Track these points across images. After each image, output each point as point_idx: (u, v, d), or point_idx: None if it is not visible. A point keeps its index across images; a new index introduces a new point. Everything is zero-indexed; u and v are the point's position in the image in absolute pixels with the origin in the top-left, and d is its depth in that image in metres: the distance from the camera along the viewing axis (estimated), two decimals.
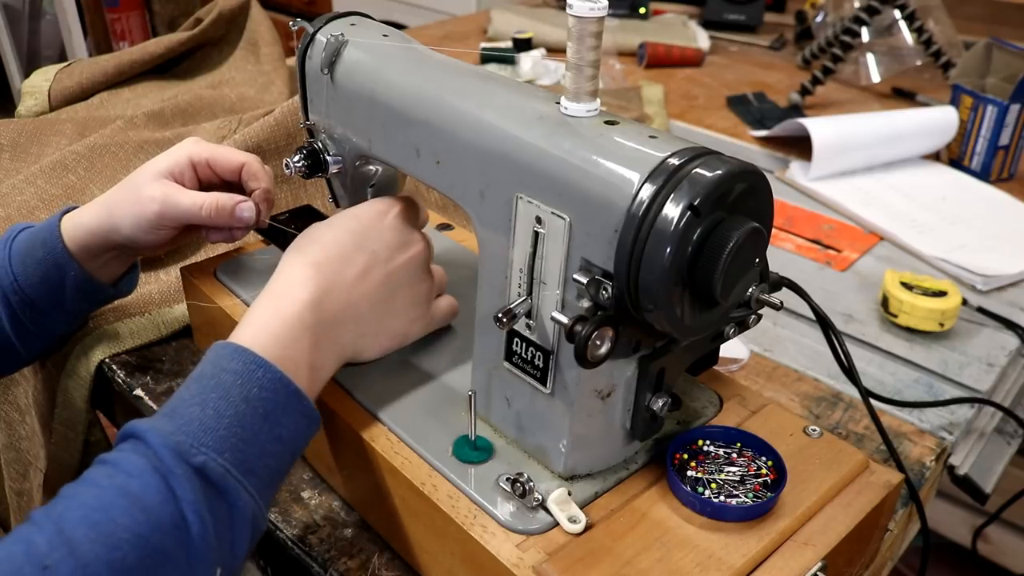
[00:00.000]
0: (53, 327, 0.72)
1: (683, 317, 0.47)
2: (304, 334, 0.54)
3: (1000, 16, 1.79)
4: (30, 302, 0.68)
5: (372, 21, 0.68)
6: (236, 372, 0.50)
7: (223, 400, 0.48)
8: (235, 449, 0.47)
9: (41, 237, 0.68)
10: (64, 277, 0.68)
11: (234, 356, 0.51)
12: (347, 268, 0.58)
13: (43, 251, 0.68)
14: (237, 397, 0.49)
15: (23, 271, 0.67)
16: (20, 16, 2.62)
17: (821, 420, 0.75)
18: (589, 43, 0.48)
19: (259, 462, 0.49)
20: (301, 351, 0.53)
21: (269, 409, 0.50)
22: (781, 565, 0.50)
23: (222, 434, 0.47)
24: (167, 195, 0.66)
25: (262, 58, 1.24)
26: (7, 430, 0.96)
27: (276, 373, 0.51)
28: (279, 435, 0.50)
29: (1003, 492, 0.88)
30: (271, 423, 0.49)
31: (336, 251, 0.58)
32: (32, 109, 1.14)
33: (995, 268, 0.96)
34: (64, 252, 0.67)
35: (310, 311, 0.55)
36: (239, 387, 0.49)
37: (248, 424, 0.48)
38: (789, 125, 1.25)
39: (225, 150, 0.69)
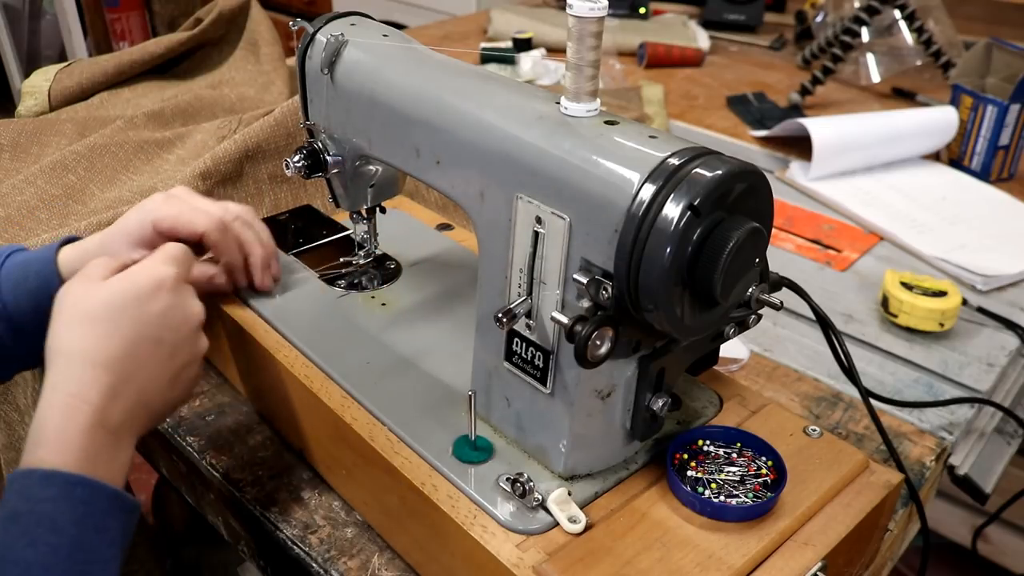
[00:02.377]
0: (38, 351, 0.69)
1: (683, 317, 0.47)
2: (105, 436, 0.52)
3: (1000, 16, 1.79)
4: (18, 328, 0.67)
5: (372, 21, 0.68)
6: (53, 499, 0.48)
7: (52, 533, 0.47)
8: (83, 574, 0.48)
9: (35, 268, 0.67)
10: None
11: (45, 483, 0.49)
12: (135, 364, 0.55)
13: (37, 282, 0.67)
14: (66, 523, 0.48)
15: (14, 299, 0.66)
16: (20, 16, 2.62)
17: (821, 420, 0.75)
18: (589, 43, 0.48)
19: (100, 570, 0.49)
20: (105, 451, 0.52)
21: (99, 521, 0.49)
22: (781, 565, 0.50)
23: (64, 567, 0.47)
24: None
25: (262, 58, 1.24)
26: (7, 430, 0.96)
27: (95, 486, 0.50)
28: (112, 539, 0.50)
29: (1003, 492, 0.88)
30: (104, 533, 0.49)
31: (120, 347, 0.54)
32: (32, 109, 1.14)
33: (995, 268, 0.96)
34: (59, 284, 0.65)
35: (106, 414, 0.52)
36: (63, 512, 0.48)
37: (87, 546, 0.48)
38: (789, 125, 1.25)
39: (187, 217, 0.66)
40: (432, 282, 0.74)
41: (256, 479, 0.67)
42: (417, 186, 0.97)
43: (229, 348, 0.74)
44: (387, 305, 0.71)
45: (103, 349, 0.54)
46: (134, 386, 0.54)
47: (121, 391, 0.53)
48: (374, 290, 0.73)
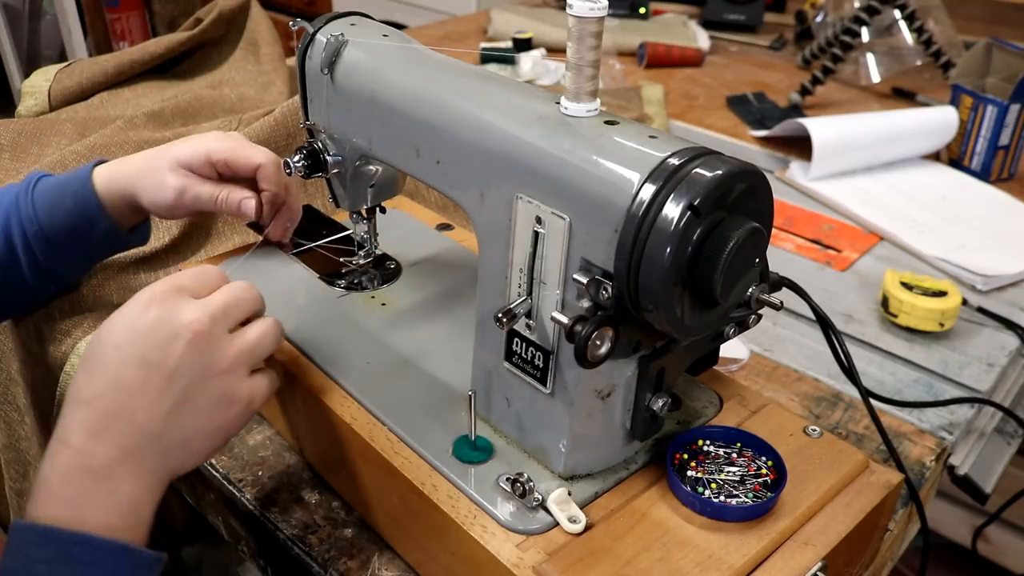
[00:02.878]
0: (71, 272, 0.76)
1: (683, 317, 0.47)
2: (89, 479, 0.47)
3: (1000, 16, 1.79)
4: (54, 249, 0.71)
5: (372, 21, 0.68)
6: (49, 560, 0.45)
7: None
8: None
9: (71, 189, 0.71)
10: (93, 228, 0.72)
11: (42, 542, 0.45)
12: (121, 395, 0.49)
13: (73, 202, 0.71)
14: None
15: (50, 220, 0.70)
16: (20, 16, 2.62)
17: (821, 420, 0.75)
18: (589, 43, 0.48)
19: None
20: (93, 496, 0.47)
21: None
22: (781, 565, 0.50)
23: None
24: (185, 187, 0.70)
25: (262, 58, 1.24)
26: (7, 430, 0.96)
27: (94, 542, 0.45)
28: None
29: (1003, 492, 0.88)
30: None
31: (102, 379, 0.49)
32: (32, 109, 1.14)
33: (995, 268, 0.96)
34: (97, 206, 0.71)
35: (88, 455, 0.47)
36: (57, 574, 0.44)
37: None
38: (789, 125, 1.25)
39: (244, 151, 0.71)
40: (432, 282, 0.74)
41: (256, 479, 0.67)
42: (417, 186, 0.97)
43: None
44: (387, 305, 0.71)
45: (86, 384, 0.50)
46: (125, 419, 0.48)
47: (108, 426, 0.48)
48: (374, 290, 0.73)
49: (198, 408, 0.51)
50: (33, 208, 0.70)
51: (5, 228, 0.70)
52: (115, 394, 0.49)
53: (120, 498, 0.47)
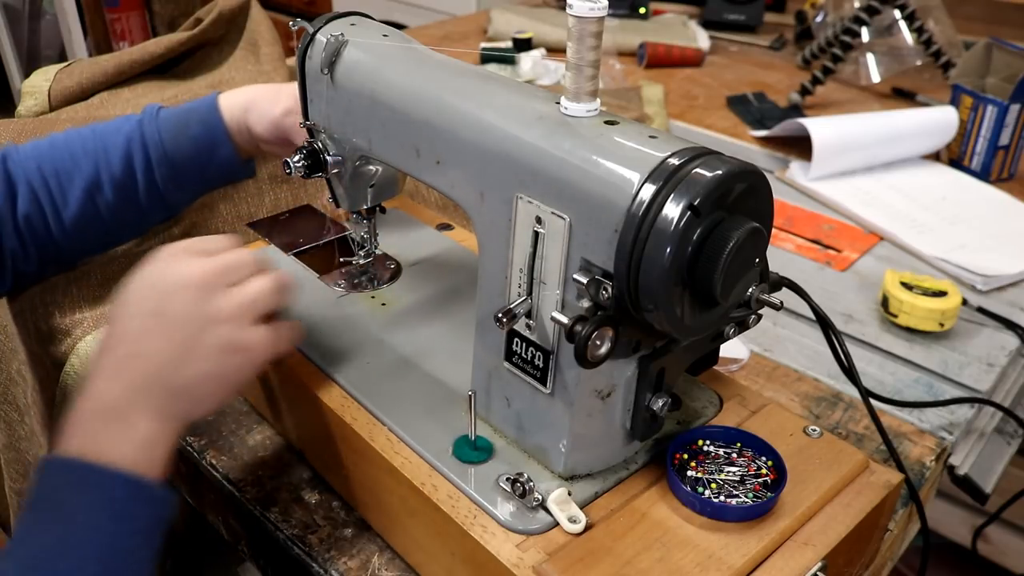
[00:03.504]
0: (184, 199, 0.80)
1: (683, 317, 0.47)
2: (104, 416, 0.51)
3: (1000, 16, 1.79)
4: (176, 174, 0.76)
5: (372, 21, 0.68)
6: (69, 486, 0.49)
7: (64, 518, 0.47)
8: (94, 561, 0.47)
9: (198, 116, 0.76)
10: (215, 153, 0.76)
11: (63, 470, 0.50)
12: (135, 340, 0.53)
13: (200, 128, 0.75)
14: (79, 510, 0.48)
15: (175, 145, 0.75)
16: (20, 16, 2.62)
17: (821, 420, 0.75)
18: (589, 43, 0.48)
19: (124, 563, 0.48)
20: (108, 432, 0.51)
21: (117, 510, 0.49)
22: (781, 565, 0.50)
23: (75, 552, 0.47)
24: (292, 109, 0.74)
25: (262, 58, 1.23)
26: (7, 430, 0.96)
27: (109, 472, 0.49)
28: (135, 528, 0.49)
29: (1003, 492, 0.88)
30: (124, 522, 0.49)
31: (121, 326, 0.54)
32: (32, 109, 1.14)
33: (995, 268, 0.96)
34: (223, 131, 0.76)
35: (104, 395, 0.52)
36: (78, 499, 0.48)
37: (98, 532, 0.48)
38: (789, 125, 1.25)
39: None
40: (432, 282, 0.74)
41: (256, 479, 0.67)
42: (417, 186, 0.97)
43: None
44: (387, 305, 0.71)
45: (105, 337, 0.55)
46: (136, 363, 0.53)
47: (121, 370, 0.52)
48: (374, 290, 0.73)
49: (203, 354, 0.54)
50: (159, 133, 0.75)
51: (127, 153, 0.75)
52: (127, 342, 0.54)
53: (134, 434, 0.51)
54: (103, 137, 0.76)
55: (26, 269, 0.78)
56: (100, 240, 0.80)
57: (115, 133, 0.76)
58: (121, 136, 0.75)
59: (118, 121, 0.77)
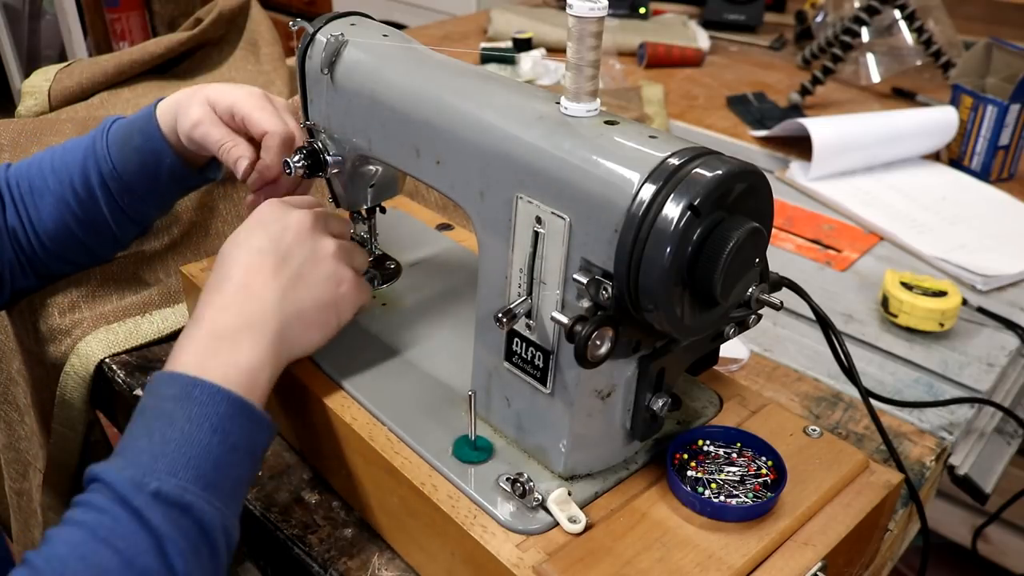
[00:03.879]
0: (147, 211, 0.80)
1: (683, 317, 0.47)
2: (214, 341, 0.55)
3: (1000, 16, 1.79)
4: (128, 188, 0.75)
5: (372, 21, 0.68)
6: (174, 397, 0.51)
7: (168, 426, 0.50)
8: (189, 467, 0.49)
9: (138, 126, 0.75)
10: (160, 164, 0.75)
11: (170, 382, 0.53)
12: (245, 276, 0.58)
13: (141, 139, 0.74)
14: (180, 419, 0.50)
15: (121, 159, 0.74)
16: (20, 16, 2.62)
17: (821, 420, 0.75)
18: (589, 43, 0.48)
19: (218, 474, 0.50)
20: (216, 353, 0.54)
21: (216, 423, 0.51)
22: (781, 565, 0.50)
23: (172, 456, 0.49)
24: (201, 121, 0.72)
25: (262, 58, 1.23)
26: (7, 430, 0.96)
27: (212, 388, 0.52)
28: (233, 444, 0.52)
29: (1003, 492, 0.88)
30: (221, 435, 0.51)
31: (232, 267, 0.59)
32: (32, 109, 1.14)
33: (995, 268, 0.96)
34: (162, 140, 0.75)
35: (215, 322, 0.56)
36: (181, 409, 0.51)
37: (197, 441, 0.50)
38: (789, 125, 1.25)
39: (261, 114, 0.72)
40: (432, 282, 0.74)
41: (256, 479, 0.67)
42: (417, 186, 0.97)
43: None
44: (387, 305, 0.71)
45: (213, 278, 0.59)
46: (246, 295, 0.57)
47: (231, 302, 0.57)
48: (374, 290, 0.73)
49: (310, 283, 0.59)
50: (107, 149, 0.75)
51: (83, 171, 0.75)
52: (238, 277, 0.58)
53: (240, 358, 0.54)
54: (71, 153, 0.76)
55: (25, 284, 0.80)
56: (81, 254, 0.80)
57: (74, 150, 0.76)
58: (80, 153, 0.75)
59: (85, 137, 0.77)
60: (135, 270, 0.85)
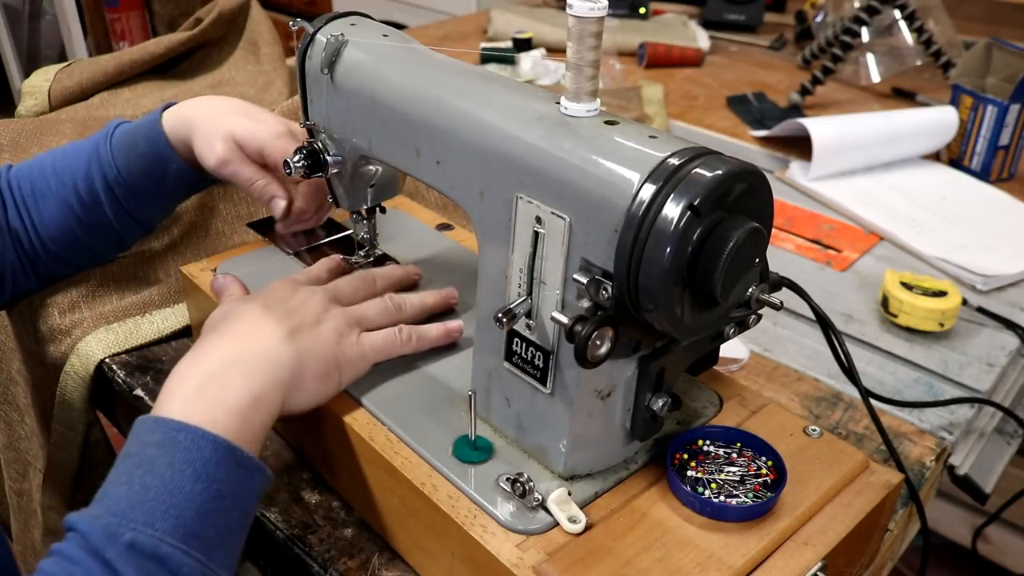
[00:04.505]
0: (152, 214, 0.80)
1: (683, 317, 0.47)
2: (201, 381, 0.52)
3: (1000, 16, 1.79)
4: (134, 192, 0.75)
5: (372, 21, 0.68)
6: (157, 443, 0.49)
7: (148, 473, 0.48)
8: (168, 516, 0.47)
9: (143, 132, 0.75)
10: (166, 169, 0.75)
11: (154, 427, 0.50)
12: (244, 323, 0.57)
13: (146, 145, 0.74)
14: (162, 465, 0.48)
15: (126, 164, 0.74)
16: (20, 16, 2.62)
17: (821, 420, 0.75)
18: (589, 43, 0.48)
19: (201, 523, 0.48)
20: (202, 396, 0.51)
21: (199, 469, 0.48)
22: (781, 565, 0.50)
23: (151, 505, 0.46)
24: (228, 159, 0.73)
25: (262, 58, 1.23)
26: (7, 430, 0.96)
27: (197, 432, 0.49)
28: (218, 491, 0.49)
29: (1003, 492, 0.88)
30: (205, 482, 0.48)
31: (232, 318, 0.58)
32: (32, 109, 1.14)
33: (995, 268, 0.96)
34: (167, 147, 0.75)
35: (201, 363, 0.54)
36: (163, 455, 0.48)
37: (178, 489, 0.47)
38: (789, 125, 1.25)
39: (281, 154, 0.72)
40: (432, 282, 0.74)
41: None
42: (417, 186, 0.97)
43: None
44: None
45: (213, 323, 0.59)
46: (244, 336, 0.56)
47: (228, 342, 0.56)
48: None
49: (312, 334, 0.58)
50: (111, 153, 0.75)
51: (87, 174, 0.75)
52: (239, 324, 0.57)
53: (229, 398, 0.52)
54: (73, 156, 0.76)
55: (26, 286, 0.79)
56: (84, 256, 0.80)
57: (77, 153, 0.76)
58: (83, 156, 0.75)
59: (88, 140, 0.77)
60: (135, 270, 0.85)
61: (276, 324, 0.57)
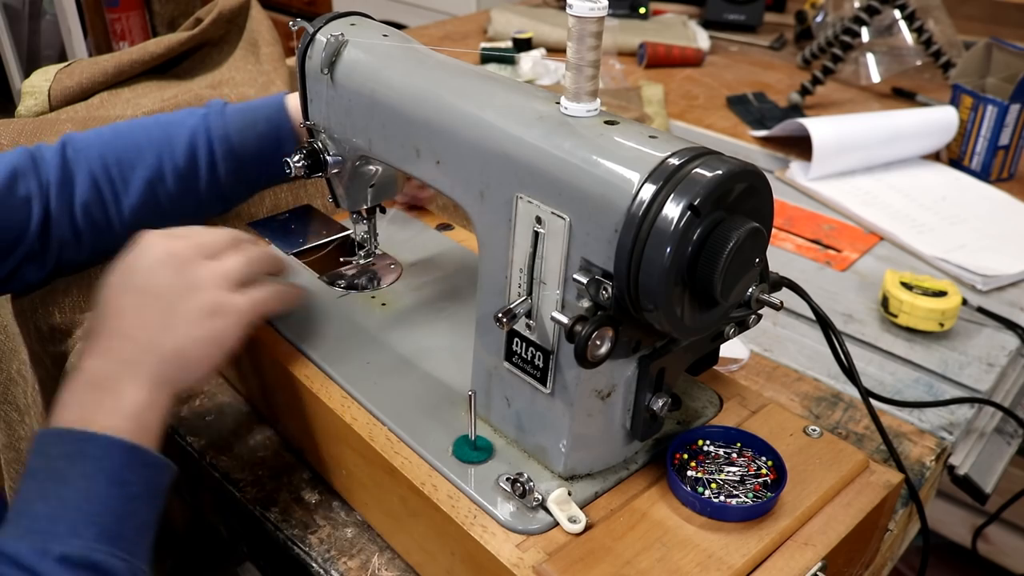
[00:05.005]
0: (241, 194, 0.81)
1: (683, 317, 0.47)
2: (93, 389, 0.53)
3: (1000, 16, 1.79)
4: (238, 168, 0.77)
5: (372, 21, 0.68)
6: (66, 455, 0.50)
7: (62, 486, 0.48)
8: (91, 525, 0.48)
9: (264, 113, 0.77)
10: (279, 151, 0.75)
11: (57, 440, 0.51)
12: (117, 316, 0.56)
13: (266, 126, 0.77)
14: (75, 476, 0.49)
15: (241, 140, 0.76)
16: (20, 16, 2.62)
17: (821, 420, 0.75)
18: (589, 43, 0.48)
19: (121, 526, 0.49)
20: (98, 401, 0.52)
21: (112, 475, 0.50)
22: (781, 565, 0.50)
23: (72, 517, 0.47)
24: None
25: (262, 58, 1.23)
26: (7, 430, 0.96)
27: (103, 439, 0.50)
28: (133, 493, 0.50)
29: (1003, 492, 0.88)
30: (118, 486, 0.50)
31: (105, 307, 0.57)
32: (32, 109, 1.14)
33: (995, 268, 0.96)
34: (290, 130, 0.77)
35: (90, 369, 0.54)
36: (73, 467, 0.49)
37: (95, 497, 0.49)
38: (789, 125, 1.25)
39: None
40: (432, 282, 0.74)
41: (256, 479, 0.67)
42: None
43: None
44: (387, 305, 0.71)
45: (92, 321, 0.57)
46: (121, 337, 0.55)
47: (108, 346, 0.55)
48: (374, 290, 0.73)
49: (186, 319, 0.56)
50: (225, 128, 0.76)
51: (191, 145, 0.75)
52: (112, 320, 0.56)
53: (124, 403, 0.53)
54: (167, 128, 0.76)
55: (76, 257, 0.76)
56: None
57: (179, 125, 0.76)
58: (185, 129, 0.76)
59: (181, 114, 0.78)
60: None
61: (143, 313, 0.56)
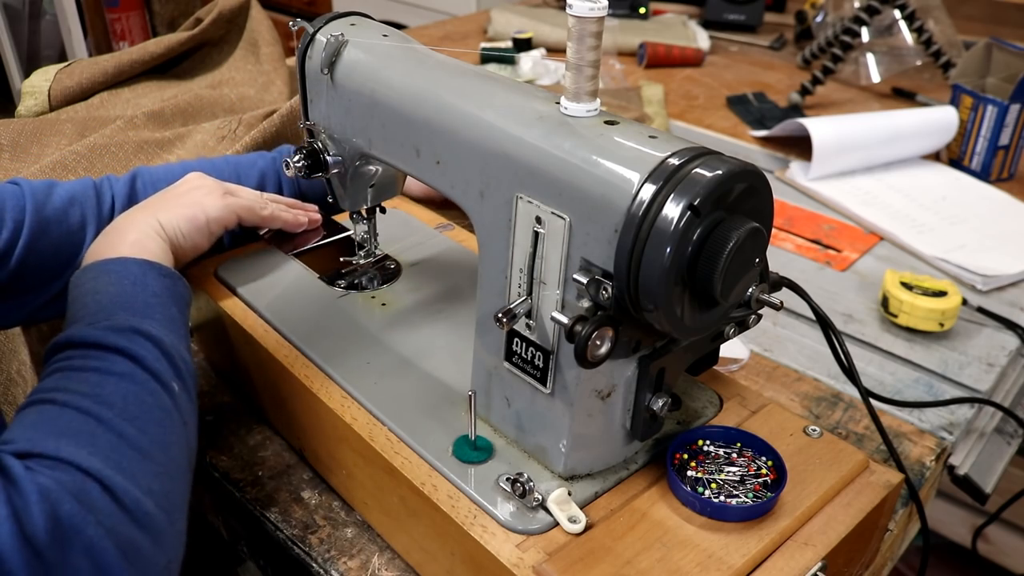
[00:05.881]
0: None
1: (683, 317, 0.47)
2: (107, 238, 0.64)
3: (1000, 16, 1.79)
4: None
5: (372, 21, 0.68)
6: (93, 278, 0.60)
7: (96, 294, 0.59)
8: (125, 309, 0.57)
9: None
10: None
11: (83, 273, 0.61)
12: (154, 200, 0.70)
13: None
14: (105, 285, 0.59)
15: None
16: (20, 16, 2.62)
17: (821, 420, 0.75)
18: (589, 43, 0.48)
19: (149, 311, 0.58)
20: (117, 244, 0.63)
21: (135, 279, 0.60)
22: (781, 565, 0.50)
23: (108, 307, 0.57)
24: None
25: (262, 58, 1.23)
26: None
27: (121, 259, 0.61)
28: (154, 291, 0.60)
29: (1003, 492, 0.88)
30: (140, 286, 0.59)
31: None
32: (32, 109, 1.14)
33: (995, 268, 0.96)
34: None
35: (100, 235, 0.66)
36: (101, 281, 0.59)
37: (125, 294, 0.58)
38: (789, 125, 1.25)
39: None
40: (432, 282, 0.74)
41: (256, 479, 0.67)
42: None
43: (229, 349, 0.74)
44: (387, 305, 0.71)
45: None
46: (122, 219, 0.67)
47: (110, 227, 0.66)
48: (374, 290, 0.73)
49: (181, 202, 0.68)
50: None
51: (259, 187, 0.81)
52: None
53: (127, 238, 0.63)
54: (236, 167, 0.81)
55: None
56: None
57: (249, 166, 0.81)
58: (256, 170, 0.81)
59: (252, 156, 0.83)
60: None
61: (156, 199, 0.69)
